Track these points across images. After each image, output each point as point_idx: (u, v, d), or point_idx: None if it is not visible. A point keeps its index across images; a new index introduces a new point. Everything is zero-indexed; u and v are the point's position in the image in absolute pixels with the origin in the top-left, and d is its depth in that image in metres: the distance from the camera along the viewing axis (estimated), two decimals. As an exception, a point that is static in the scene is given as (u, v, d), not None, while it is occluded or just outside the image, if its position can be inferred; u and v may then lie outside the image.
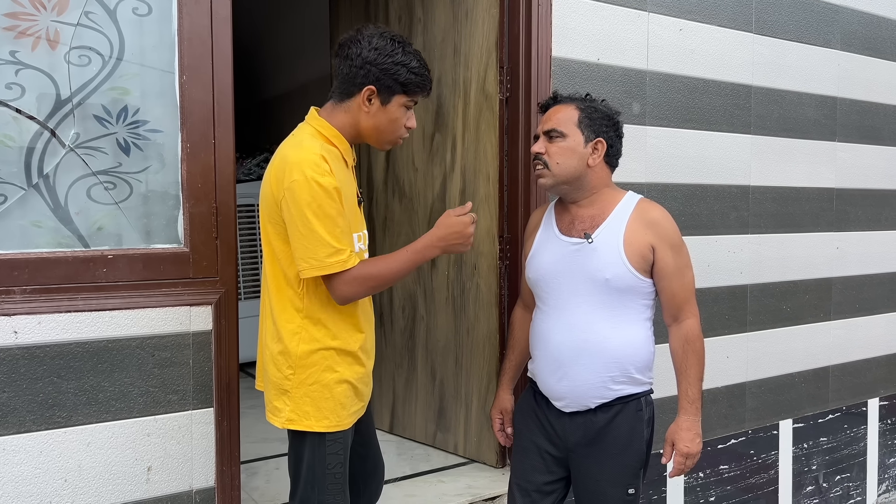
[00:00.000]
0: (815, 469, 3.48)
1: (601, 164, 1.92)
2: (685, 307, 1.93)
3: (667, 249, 1.88)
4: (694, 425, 1.91)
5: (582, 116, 1.90)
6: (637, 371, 1.91)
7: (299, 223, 1.65)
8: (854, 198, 3.55)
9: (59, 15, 1.85)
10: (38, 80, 1.83)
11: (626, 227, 1.88)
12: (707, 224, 3.03)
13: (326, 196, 1.64)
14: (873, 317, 3.67)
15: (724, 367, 3.09)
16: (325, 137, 1.75)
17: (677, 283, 1.90)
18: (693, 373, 1.92)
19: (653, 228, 1.88)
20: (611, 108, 1.97)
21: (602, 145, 1.91)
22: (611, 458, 1.91)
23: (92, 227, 1.91)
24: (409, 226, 3.06)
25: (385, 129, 1.78)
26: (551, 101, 1.98)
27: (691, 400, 1.91)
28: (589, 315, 1.89)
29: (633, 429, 1.91)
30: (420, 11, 2.96)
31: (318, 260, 1.65)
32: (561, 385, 1.92)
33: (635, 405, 1.92)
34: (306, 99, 4.39)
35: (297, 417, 1.75)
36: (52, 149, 1.85)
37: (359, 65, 1.71)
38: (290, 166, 1.65)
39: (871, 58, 3.55)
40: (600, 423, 1.91)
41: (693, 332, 1.93)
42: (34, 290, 1.81)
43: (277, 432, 3.25)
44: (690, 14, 2.92)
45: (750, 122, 3.14)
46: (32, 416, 1.81)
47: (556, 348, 1.92)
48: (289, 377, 1.75)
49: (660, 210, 1.93)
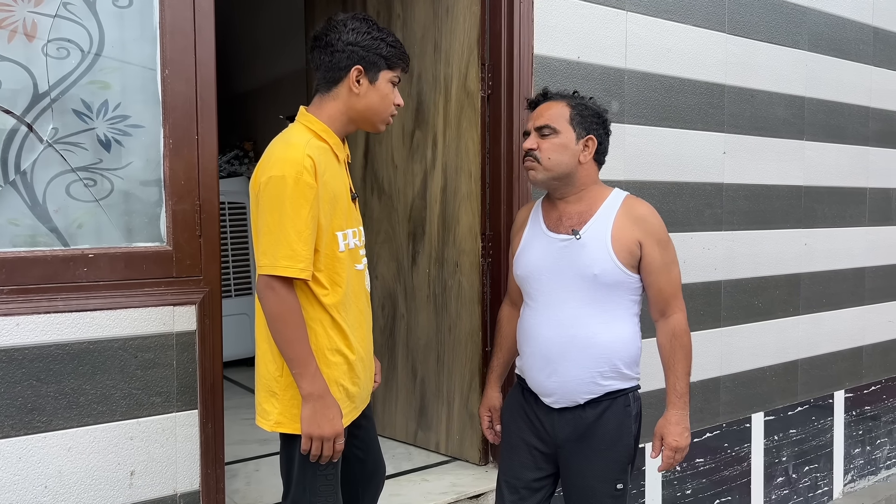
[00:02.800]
0: (785, 461, 3.56)
1: (590, 162, 1.94)
2: (672, 302, 1.95)
3: (654, 245, 1.90)
4: (682, 419, 1.92)
5: (574, 113, 1.91)
6: (625, 366, 1.92)
7: (269, 218, 1.62)
8: (821, 195, 3.64)
9: (37, 6, 1.78)
10: (14, 73, 1.77)
11: (613, 223, 1.90)
12: (683, 221, 3.07)
13: (300, 197, 1.61)
14: (839, 311, 3.77)
15: (700, 362, 3.14)
16: (314, 133, 1.73)
17: (664, 278, 1.92)
18: (681, 367, 1.93)
19: (640, 224, 1.90)
20: (600, 106, 1.99)
21: (593, 142, 1.93)
22: (599, 453, 1.92)
23: (72, 225, 1.85)
24: (388, 223, 3.04)
25: (378, 108, 1.78)
26: (541, 97, 1.98)
27: (679, 394, 1.93)
28: (577, 311, 1.90)
29: (622, 424, 1.92)
30: (399, 7, 2.94)
31: (275, 259, 1.62)
32: (550, 381, 1.93)
33: (623, 400, 1.93)
34: (279, 94, 4.34)
35: (286, 420, 1.72)
36: (29, 144, 1.79)
37: (341, 48, 1.72)
38: (274, 162, 1.64)
39: (837, 59, 3.64)
40: (589, 418, 1.92)
41: (680, 326, 1.94)
42: (12, 291, 1.75)
43: (256, 434, 3.20)
44: (667, 13, 2.96)
45: (723, 120, 3.19)
46: (11, 420, 1.75)
47: (544, 344, 1.93)
48: (277, 379, 1.72)
49: (647, 206, 1.94)
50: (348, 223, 1.77)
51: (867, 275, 3.90)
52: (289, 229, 1.61)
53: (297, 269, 1.62)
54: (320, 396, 1.65)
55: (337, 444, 1.69)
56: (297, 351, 1.64)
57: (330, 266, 1.72)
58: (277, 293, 1.63)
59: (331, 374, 1.73)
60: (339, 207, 1.73)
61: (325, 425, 1.65)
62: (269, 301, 1.63)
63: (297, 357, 1.64)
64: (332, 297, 1.73)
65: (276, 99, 4.39)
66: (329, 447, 1.68)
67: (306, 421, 1.66)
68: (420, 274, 2.92)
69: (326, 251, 1.71)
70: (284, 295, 1.63)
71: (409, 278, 2.97)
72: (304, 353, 1.65)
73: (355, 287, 1.79)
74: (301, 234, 1.62)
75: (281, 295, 1.63)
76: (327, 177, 1.68)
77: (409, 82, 2.91)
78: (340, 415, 1.69)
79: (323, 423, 1.65)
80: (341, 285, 1.74)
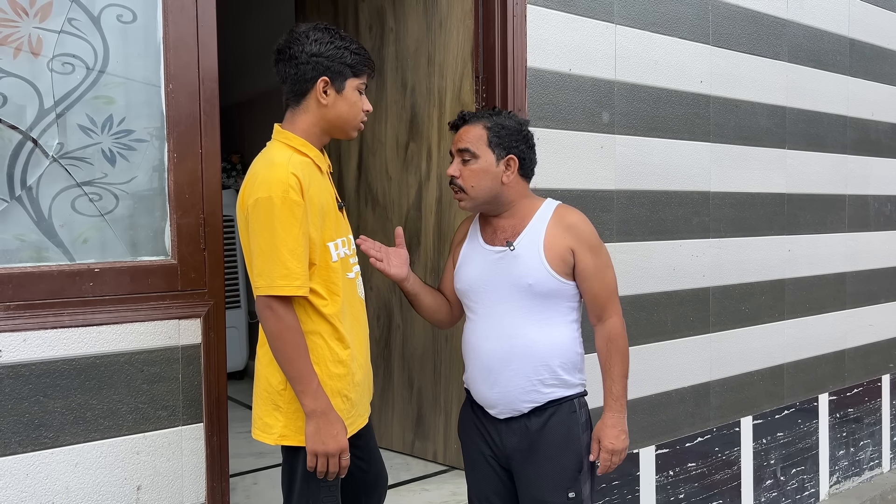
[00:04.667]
0: (773, 463, 3.62)
1: (516, 179, 1.94)
2: (608, 306, 1.96)
3: (585, 251, 1.91)
4: (619, 422, 1.93)
5: (490, 136, 1.90)
6: (565, 372, 1.93)
7: (261, 240, 1.64)
8: (803, 202, 3.72)
9: (42, 22, 1.79)
10: (20, 89, 1.77)
11: (545, 232, 1.91)
12: (672, 229, 3.13)
13: (289, 215, 1.63)
14: (821, 315, 3.85)
15: (690, 368, 3.20)
16: (294, 148, 1.75)
17: (598, 283, 1.94)
18: (617, 370, 1.94)
19: (571, 232, 1.91)
20: (519, 121, 1.97)
21: (514, 161, 1.92)
22: (548, 460, 1.91)
23: (77, 239, 1.85)
24: (382, 234, 3.06)
25: (347, 117, 1.79)
26: (460, 121, 1.98)
27: (615, 397, 1.94)
28: (515, 320, 1.92)
29: (569, 430, 1.92)
30: (392, 21, 2.97)
31: (270, 279, 1.63)
32: (492, 392, 1.94)
33: (568, 407, 1.94)
34: (268, 107, 4.34)
35: (290, 433, 1.73)
36: (35, 159, 1.79)
37: (305, 60, 1.73)
38: (259, 184, 1.65)
39: (816, 69, 3.74)
40: (534, 426, 1.92)
41: (615, 330, 1.95)
42: (18, 307, 1.74)
43: (252, 447, 3.20)
44: (654, 26, 3.03)
45: (709, 130, 3.26)
46: (18, 437, 1.74)
47: (486, 355, 1.95)
48: (281, 392, 1.73)
49: (577, 214, 1.96)
50: (337, 233, 1.79)
51: (848, 280, 3.99)
52: (281, 249, 1.63)
53: (293, 287, 1.64)
54: (323, 413, 1.67)
55: (343, 460, 1.70)
56: (298, 368, 1.66)
57: (326, 277, 1.74)
58: (276, 312, 1.65)
59: (335, 386, 1.75)
60: (328, 219, 1.75)
61: (329, 442, 1.67)
62: (269, 321, 1.66)
63: (298, 375, 1.66)
64: (332, 307, 1.75)
65: (264, 111, 4.40)
66: (335, 463, 1.69)
67: (310, 438, 1.67)
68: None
69: (321, 263, 1.73)
70: (283, 314, 1.65)
71: (405, 289, 2.98)
72: (305, 371, 1.66)
73: (349, 296, 1.81)
74: (294, 252, 1.64)
75: (279, 314, 1.65)
76: (313, 191, 1.70)
77: (402, 95, 2.94)
78: (345, 431, 1.71)
79: (327, 440, 1.67)
80: (339, 294, 1.76)
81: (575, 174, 2.75)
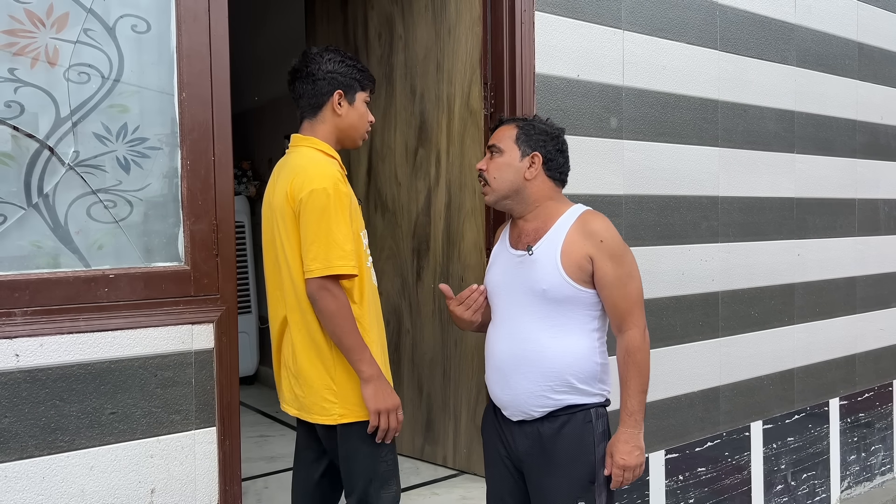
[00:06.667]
0: (783, 468, 3.61)
1: (541, 178, 1.95)
2: (627, 318, 1.90)
3: (605, 259, 1.87)
4: (632, 438, 1.87)
5: (519, 133, 1.95)
6: (579, 381, 1.90)
7: (317, 227, 1.84)
8: (812, 207, 3.72)
9: (59, 32, 1.82)
10: (37, 98, 1.80)
11: (564, 238, 1.90)
12: (680, 234, 3.14)
13: (340, 204, 1.86)
14: (832, 320, 3.84)
15: (700, 372, 3.20)
16: (323, 152, 1.98)
17: (618, 293, 1.88)
18: (633, 385, 1.89)
19: (591, 239, 1.88)
20: (553, 126, 2.00)
21: (538, 158, 1.93)
22: (559, 468, 1.90)
23: (92, 246, 1.88)
24: (392, 240, 3.08)
25: (357, 125, 2.04)
26: (498, 123, 2.05)
27: (630, 412, 1.88)
28: (529, 325, 1.91)
29: (582, 440, 1.90)
30: (401, 29, 3.00)
31: (328, 261, 1.83)
32: (504, 394, 1.96)
33: (583, 416, 1.91)
34: (278, 114, 4.38)
35: (347, 412, 1.94)
36: (51, 167, 1.82)
37: (322, 76, 1.97)
38: (311, 177, 1.86)
39: (824, 73, 3.74)
40: (547, 433, 1.91)
41: (633, 343, 1.89)
42: (35, 312, 1.77)
43: (262, 452, 3.22)
44: (662, 32, 3.04)
45: (717, 135, 3.27)
46: (35, 440, 1.77)
47: (499, 357, 1.96)
48: (330, 386, 1.93)
49: (600, 221, 1.92)
50: (361, 225, 2.01)
51: (858, 284, 3.98)
52: (336, 233, 1.83)
53: (349, 266, 1.85)
54: (378, 376, 1.90)
55: (399, 415, 1.93)
56: (354, 340, 1.87)
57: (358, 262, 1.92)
58: (332, 292, 1.85)
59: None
60: (356, 212, 1.98)
61: (387, 399, 1.90)
62: (327, 300, 1.85)
63: (354, 345, 1.87)
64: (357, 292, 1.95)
65: (274, 119, 4.43)
66: (394, 418, 1.91)
67: (370, 399, 1.89)
68: (425, 289, 2.96)
69: (357, 251, 1.92)
70: (338, 293, 1.86)
71: (414, 294, 3.00)
72: (360, 341, 1.88)
73: (368, 279, 2.01)
74: (346, 235, 1.86)
75: (335, 293, 1.85)
76: (348, 186, 1.95)
77: (411, 101, 2.96)
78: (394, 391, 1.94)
79: (386, 398, 1.90)
80: (364, 278, 1.96)
81: (583, 179, 2.77)
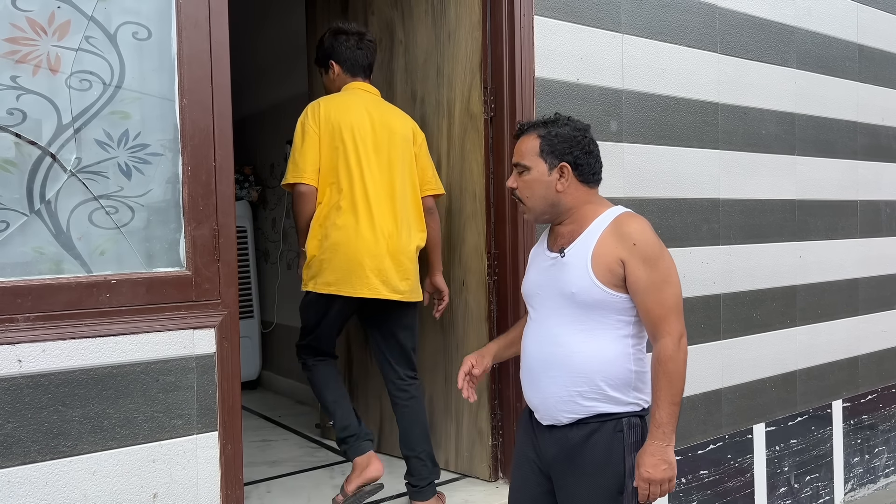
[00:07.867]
0: (786, 470, 3.61)
1: (574, 185, 1.88)
2: (661, 325, 1.80)
3: (638, 263, 1.80)
4: (658, 451, 1.77)
5: (542, 144, 1.88)
6: (611, 388, 1.83)
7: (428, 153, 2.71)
8: (813, 209, 3.72)
9: (60, 40, 1.84)
10: (39, 106, 1.81)
11: (597, 240, 1.85)
12: (682, 236, 3.14)
13: None
14: (834, 322, 3.84)
15: (701, 375, 3.20)
16: None
17: (651, 298, 1.80)
18: (663, 396, 1.79)
19: (624, 241, 1.81)
20: (576, 127, 1.91)
21: (567, 169, 1.87)
22: (586, 477, 1.85)
23: (94, 251, 1.89)
24: (393, 244, 3.08)
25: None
26: (518, 132, 1.97)
27: (658, 423, 1.79)
28: (559, 328, 1.88)
29: (611, 450, 1.84)
30: (401, 33, 3.01)
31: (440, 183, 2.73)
32: (534, 396, 1.93)
33: (614, 425, 1.85)
34: (280, 119, 4.39)
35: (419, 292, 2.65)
36: (53, 174, 1.83)
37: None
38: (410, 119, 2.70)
39: (824, 76, 3.75)
40: (575, 440, 1.86)
41: (665, 352, 1.79)
42: (38, 318, 1.78)
43: (264, 456, 3.23)
44: (661, 35, 3.05)
45: (718, 137, 3.27)
46: (37, 446, 1.78)
47: (530, 358, 1.95)
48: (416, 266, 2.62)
49: (636, 223, 1.85)
50: None
51: (860, 286, 3.98)
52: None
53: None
54: None
55: None
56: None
57: None
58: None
59: None
60: None
61: None
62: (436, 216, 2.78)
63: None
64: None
65: (276, 124, 4.44)
66: None
67: None
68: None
69: None
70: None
71: (416, 298, 3.00)
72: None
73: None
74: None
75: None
76: None
77: (411, 106, 2.97)
78: None
79: None
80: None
81: (584, 183, 2.77)
